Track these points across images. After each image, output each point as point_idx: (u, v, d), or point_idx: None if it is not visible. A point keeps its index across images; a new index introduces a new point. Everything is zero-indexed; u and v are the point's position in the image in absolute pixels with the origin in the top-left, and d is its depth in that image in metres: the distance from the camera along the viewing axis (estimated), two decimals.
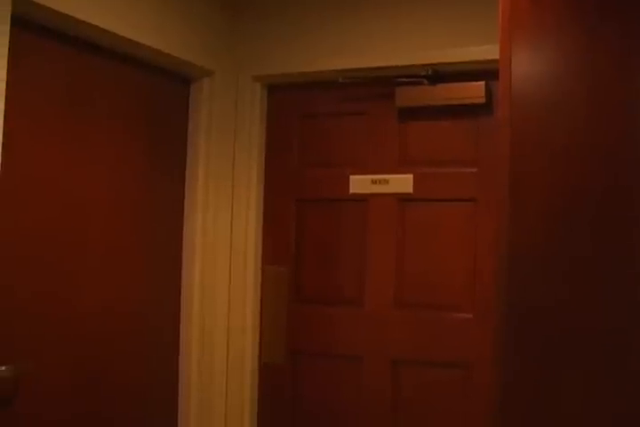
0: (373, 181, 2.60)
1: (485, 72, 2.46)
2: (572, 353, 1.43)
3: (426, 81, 2.58)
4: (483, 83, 2.49)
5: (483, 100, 2.50)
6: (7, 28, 1.89)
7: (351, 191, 2.72)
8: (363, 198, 2.70)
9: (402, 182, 2.64)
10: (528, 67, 1.51)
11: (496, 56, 1.56)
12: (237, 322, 2.78)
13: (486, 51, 2.40)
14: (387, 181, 2.65)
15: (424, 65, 2.56)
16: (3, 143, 1.92)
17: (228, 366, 2.77)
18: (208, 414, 2.71)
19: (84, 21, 2.13)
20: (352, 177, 2.71)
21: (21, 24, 1.99)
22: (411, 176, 2.63)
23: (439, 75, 2.58)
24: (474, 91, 2.52)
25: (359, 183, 2.70)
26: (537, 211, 1.48)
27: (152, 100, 2.56)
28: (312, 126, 2.81)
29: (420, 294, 2.59)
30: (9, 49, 1.91)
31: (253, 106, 2.82)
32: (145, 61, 2.50)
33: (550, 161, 1.47)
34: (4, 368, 1.95)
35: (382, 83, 2.69)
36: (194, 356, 2.67)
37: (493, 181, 2.53)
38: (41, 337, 2.12)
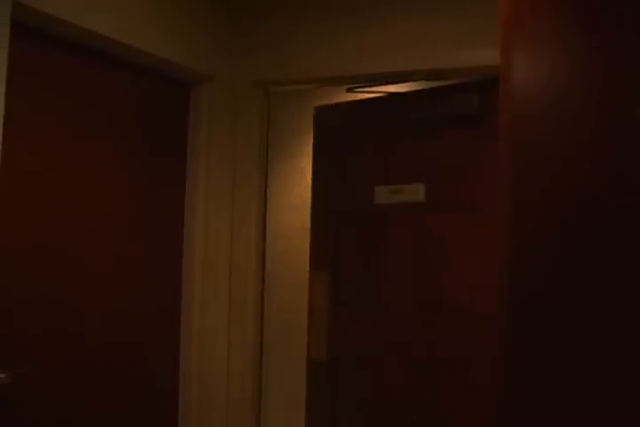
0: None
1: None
2: (578, 354, 1.42)
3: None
4: None
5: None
6: (7, 30, 1.88)
7: None
8: None
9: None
10: (527, 76, 1.51)
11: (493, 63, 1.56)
12: (237, 337, 2.76)
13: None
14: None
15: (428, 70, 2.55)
16: (1, 149, 1.91)
17: (227, 381, 2.74)
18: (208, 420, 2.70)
19: (82, 27, 2.13)
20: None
21: (20, 30, 1.98)
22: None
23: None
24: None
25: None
26: (539, 221, 1.48)
27: (151, 106, 2.55)
28: None
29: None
30: (8, 55, 1.90)
31: (253, 111, 2.80)
32: (144, 67, 2.49)
33: (552, 168, 1.47)
34: (3, 375, 1.94)
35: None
36: (193, 369, 2.65)
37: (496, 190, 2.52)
38: (39, 344, 2.10)
